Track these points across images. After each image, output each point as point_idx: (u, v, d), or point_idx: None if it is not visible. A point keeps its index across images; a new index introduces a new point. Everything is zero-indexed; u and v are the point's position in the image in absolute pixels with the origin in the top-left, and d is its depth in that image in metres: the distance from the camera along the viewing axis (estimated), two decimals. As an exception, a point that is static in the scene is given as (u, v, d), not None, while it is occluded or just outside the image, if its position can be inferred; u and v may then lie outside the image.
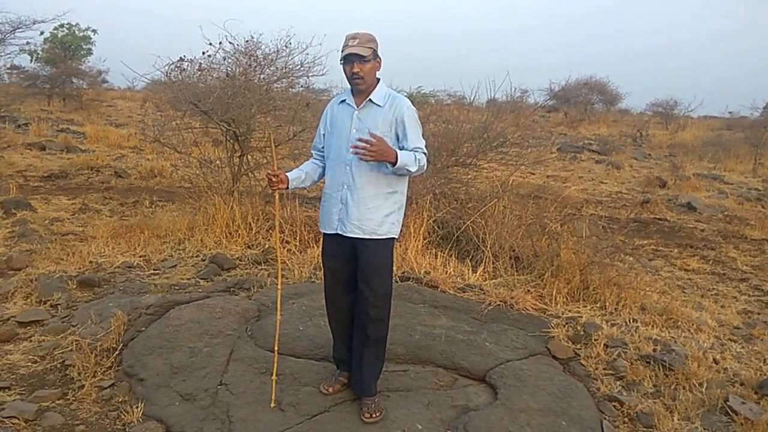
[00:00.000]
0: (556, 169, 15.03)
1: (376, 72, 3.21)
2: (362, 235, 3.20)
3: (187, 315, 4.38)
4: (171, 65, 6.86)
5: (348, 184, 3.21)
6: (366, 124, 3.16)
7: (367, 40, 3.13)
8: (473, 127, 7.49)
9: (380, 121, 3.17)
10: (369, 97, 3.20)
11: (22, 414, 3.39)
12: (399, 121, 3.17)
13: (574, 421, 3.39)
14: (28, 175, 10.85)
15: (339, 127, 3.27)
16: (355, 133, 3.17)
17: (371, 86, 3.21)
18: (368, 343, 3.32)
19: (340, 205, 3.24)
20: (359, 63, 3.10)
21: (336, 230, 3.26)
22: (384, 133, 3.13)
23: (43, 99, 22.13)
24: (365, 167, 3.15)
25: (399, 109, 3.17)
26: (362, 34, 3.15)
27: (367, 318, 3.27)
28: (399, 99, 3.23)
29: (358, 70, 3.11)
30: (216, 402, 3.47)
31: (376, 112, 3.19)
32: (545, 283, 5.27)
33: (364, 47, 3.10)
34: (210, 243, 6.46)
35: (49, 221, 7.50)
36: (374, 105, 3.20)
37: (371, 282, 3.22)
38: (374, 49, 3.15)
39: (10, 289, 5.11)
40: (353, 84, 3.19)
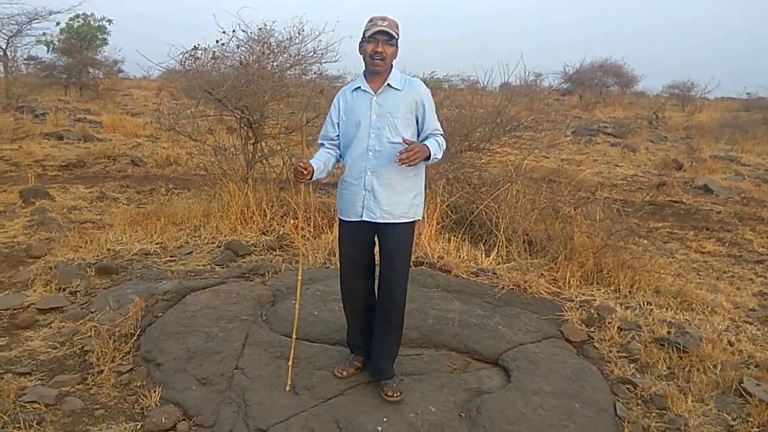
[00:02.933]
0: (570, 153, 14.92)
1: (394, 58, 3.23)
2: (392, 219, 3.23)
3: (203, 301, 4.44)
4: (185, 54, 6.89)
5: (373, 170, 3.22)
6: (386, 109, 3.19)
7: (395, 25, 3.16)
8: (486, 112, 7.46)
9: (401, 105, 3.20)
10: (387, 81, 3.21)
11: (43, 399, 3.46)
12: (419, 104, 3.22)
13: (587, 404, 3.41)
14: (46, 165, 10.98)
15: (357, 114, 3.26)
16: (375, 119, 3.20)
17: (386, 71, 3.22)
18: (389, 329, 3.37)
19: (364, 192, 3.24)
20: (384, 44, 3.13)
21: (361, 217, 3.26)
22: (405, 116, 3.19)
23: (59, 89, 22.34)
24: (388, 153, 3.17)
25: (418, 92, 3.23)
26: (390, 18, 3.18)
27: (390, 303, 3.31)
28: (416, 82, 3.27)
29: (382, 50, 3.13)
30: (232, 386, 3.53)
31: (395, 96, 3.21)
32: (559, 266, 5.27)
33: (392, 30, 3.13)
34: (225, 230, 6.52)
35: (68, 210, 7.61)
36: (393, 89, 3.21)
37: (398, 264, 3.26)
38: (398, 35, 3.18)
39: (30, 277, 5.20)
40: (373, 65, 3.18)
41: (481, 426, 3.19)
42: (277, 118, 7.52)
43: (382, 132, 3.21)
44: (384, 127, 3.21)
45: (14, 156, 11.40)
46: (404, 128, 3.21)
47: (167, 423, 3.25)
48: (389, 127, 3.20)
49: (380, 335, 3.40)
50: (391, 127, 3.20)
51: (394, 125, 3.20)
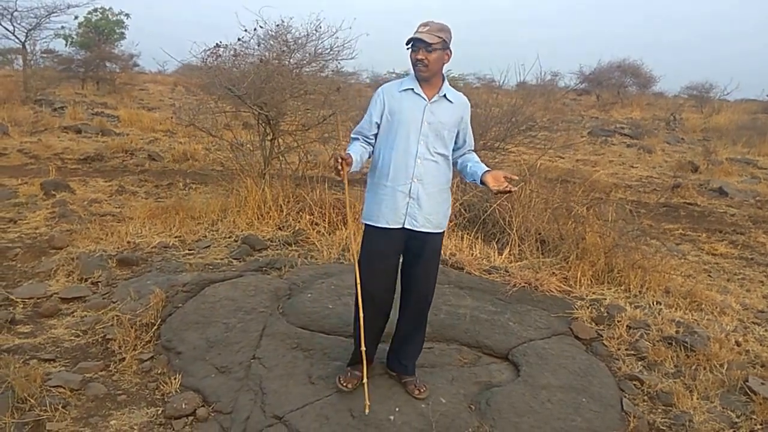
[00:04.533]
0: (585, 153, 14.93)
1: (443, 63, 3.13)
2: (431, 228, 3.22)
3: (221, 292, 4.56)
4: (207, 51, 7.03)
5: (419, 178, 3.16)
6: (439, 119, 3.16)
7: (437, 29, 3.06)
8: (502, 111, 7.53)
9: (450, 118, 3.20)
10: (443, 92, 3.18)
11: (68, 384, 3.60)
12: (464, 120, 3.28)
13: (594, 398, 3.49)
14: (65, 158, 11.17)
15: (407, 118, 3.16)
16: (427, 127, 3.14)
17: (437, 78, 3.16)
18: (421, 329, 3.48)
19: (408, 199, 3.16)
20: (425, 50, 3.04)
21: (403, 224, 3.18)
22: (451, 129, 3.22)
23: (77, 82, 22.58)
24: (432, 162, 3.18)
25: (465, 108, 3.28)
26: (435, 23, 3.10)
27: (426, 306, 3.42)
28: (462, 96, 3.29)
29: (423, 57, 3.05)
30: (249, 374, 3.64)
31: (448, 108, 3.20)
32: (570, 265, 5.34)
33: (432, 35, 3.03)
34: (242, 224, 6.64)
35: (88, 202, 7.77)
36: (447, 101, 3.19)
37: (431, 272, 3.34)
38: (444, 39, 3.06)
39: (53, 267, 5.36)
40: (417, 71, 3.11)
41: (490, 418, 3.28)
42: (294, 115, 7.63)
43: (431, 141, 3.16)
44: (433, 136, 3.16)
45: (34, 149, 11.61)
46: (450, 140, 3.24)
47: (187, 408, 3.37)
48: (438, 137, 3.17)
49: (409, 334, 3.47)
50: (440, 137, 3.17)
51: (443, 136, 3.18)
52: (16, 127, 13.26)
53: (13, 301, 4.72)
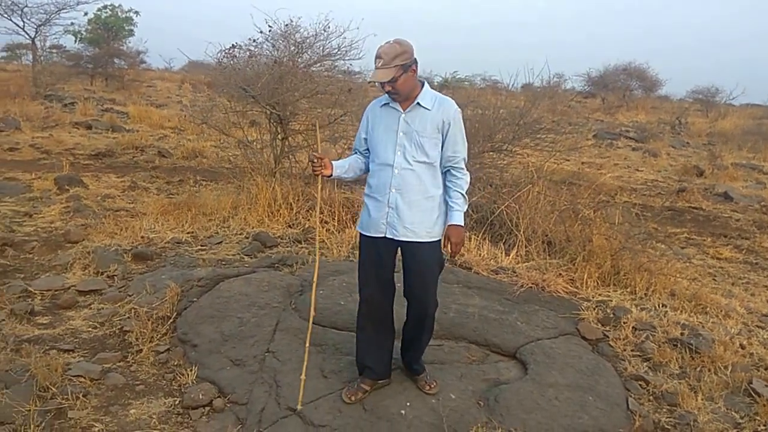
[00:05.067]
0: (591, 156, 14.99)
1: (413, 78, 3.13)
2: (414, 238, 3.19)
3: (235, 288, 4.66)
4: (222, 51, 7.14)
5: (397, 188, 3.19)
6: (414, 127, 3.16)
7: (391, 59, 3.03)
8: (509, 113, 7.62)
9: (428, 124, 3.15)
10: (417, 100, 3.16)
11: (88, 373, 3.70)
12: (446, 123, 3.15)
13: (600, 397, 3.58)
14: (76, 153, 11.28)
15: (384, 130, 3.24)
16: (402, 137, 3.17)
17: (413, 92, 3.17)
18: (423, 335, 3.50)
19: (388, 209, 3.21)
20: (388, 84, 3.07)
21: (384, 234, 3.23)
22: (432, 135, 3.14)
23: (86, 78, 22.74)
24: (412, 172, 3.17)
25: (447, 111, 3.16)
26: (387, 50, 3.06)
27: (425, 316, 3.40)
28: (447, 101, 3.20)
29: (389, 89, 3.10)
30: (264, 368, 3.74)
31: (424, 115, 3.16)
32: (577, 267, 5.42)
33: (388, 69, 3.03)
34: (253, 221, 6.74)
35: (101, 197, 7.89)
36: (422, 108, 3.16)
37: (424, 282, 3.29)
38: (401, 65, 3.04)
39: (69, 261, 5.47)
40: (392, 98, 3.19)
41: (498, 414, 3.38)
42: (305, 115, 7.73)
43: (408, 150, 3.17)
44: (411, 145, 3.16)
45: (45, 144, 11.73)
46: (431, 147, 3.16)
47: (204, 399, 3.48)
48: (416, 146, 3.16)
49: (412, 339, 3.53)
50: (417, 146, 3.15)
51: (421, 144, 3.15)
52: (27, 122, 13.38)
53: (32, 293, 4.83)
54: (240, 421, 3.32)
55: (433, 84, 23.61)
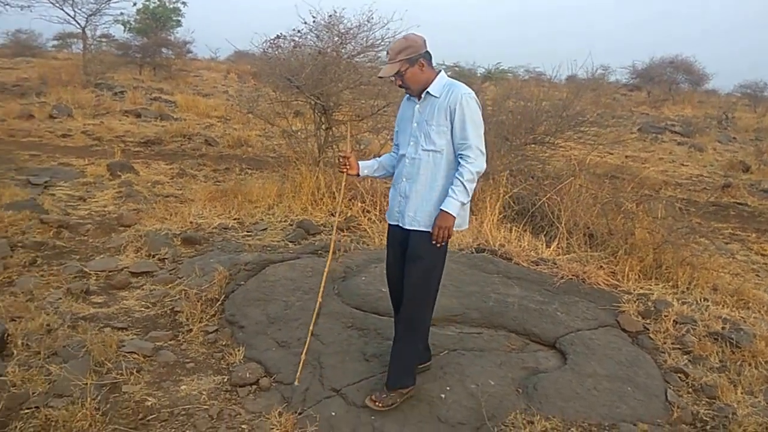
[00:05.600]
0: (635, 150, 14.76)
1: (421, 73, 3.15)
2: (418, 226, 3.21)
3: (281, 272, 4.81)
4: (268, 42, 7.30)
5: (407, 177, 3.25)
6: (424, 117, 3.19)
7: (396, 53, 3.12)
8: (551, 105, 7.59)
9: (436, 112, 3.15)
10: (427, 89, 3.18)
11: (141, 350, 3.89)
12: (452, 109, 3.09)
13: (639, 388, 3.60)
14: (126, 141, 11.66)
15: (405, 123, 3.32)
16: (416, 127, 3.22)
17: (427, 83, 3.18)
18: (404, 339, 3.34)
19: (400, 198, 3.28)
20: (397, 78, 3.15)
21: (396, 221, 3.31)
22: (440, 123, 3.12)
23: (134, 68, 23.28)
24: (421, 161, 3.19)
25: (454, 97, 3.10)
26: (393, 45, 3.18)
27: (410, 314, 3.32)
28: (456, 87, 3.14)
29: (400, 83, 3.18)
30: (308, 349, 3.87)
31: (433, 104, 3.16)
32: (618, 260, 5.41)
33: (392, 64, 3.11)
34: (297, 209, 6.90)
35: (151, 184, 8.18)
36: (431, 96, 3.17)
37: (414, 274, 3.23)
38: (406, 59, 3.10)
39: (122, 243, 5.71)
40: (406, 91, 3.27)
41: (537, 401, 3.43)
42: (349, 106, 7.85)
43: (419, 140, 3.21)
44: (421, 135, 3.20)
45: (97, 131, 12.15)
46: (437, 136, 3.14)
47: (251, 378, 3.62)
48: (425, 135, 3.18)
49: (396, 338, 3.41)
50: (425, 135, 3.17)
51: (428, 133, 3.16)
52: (79, 110, 13.86)
53: (87, 274, 5.07)
54: (285, 399, 3.46)
55: (476, 75, 23.49)
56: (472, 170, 3.07)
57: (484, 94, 10.45)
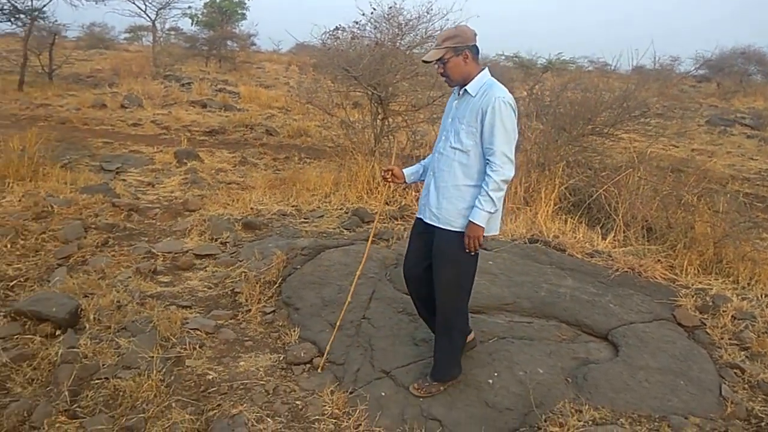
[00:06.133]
0: (702, 143, 14.26)
1: (464, 65, 3.11)
2: (437, 223, 3.21)
3: (335, 258, 4.95)
4: (327, 33, 7.45)
5: (434, 172, 3.27)
6: (458, 114, 3.17)
7: (443, 39, 3.11)
8: (613, 96, 7.44)
9: (468, 112, 3.11)
10: (466, 87, 3.16)
11: (204, 327, 4.09)
12: (483, 112, 3.04)
13: (692, 382, 3.56)
14: (192, 130, 12.09)
15: (445, 118, 3.34)
16: (450, 122, 3.22)
17: (467, 79, 3.14)
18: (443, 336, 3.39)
19: (426, 191, 3.33)
20: (440, 65, 3.13)
21: (422, 215, 3.34)
22: (470, 123, 3.09)
23: (201, 60, 23.99)
24: (448, 157, 3.19)
25: (487, 99, 3.04)
26: (442, 33, 3.19)
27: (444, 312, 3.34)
28: (493, 89, 3.07)
29: (441, 71, 3.16)
30: (360, 332, 3.99)
31: (468, 102, 3.13)
32: (677, 254, 5.30)
33: (437, 50, 3.11)
34: (352, 198, 7.04)
35: (215, 171, 8.49)
36: (468, 95, 3.14)
37: (439, 272, 3.25)
38: (451, 47, 3.08)
39: (188, 227, 5.97)
40: (445, 82, 3.25)
41: (586, 391, 3.44)
42: (405, 96, 7.92)
43: (449, 136, 3.20)
44: (452, 131, 3.19)
45: (165, 120, 12.65)
46: (466, 135, 3.11)
47: (305, 357, 3.77)
48: (455, 132, 3.17)
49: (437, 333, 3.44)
50: (456, 132, 3.16)
51: (458, 131, 3.15)
52: (148, 100, 14.45)
53: (155, 255, 5.34)
54: (337, 379, 3.59)
55: (535, 66, 23.09)
56: (497, 179, 3.01)
57: (543, 84, 10.31)
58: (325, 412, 3.28)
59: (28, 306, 4.20)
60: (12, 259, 5.09)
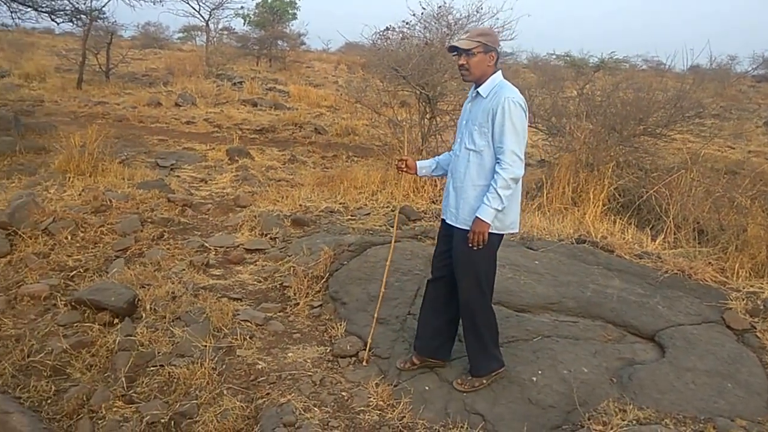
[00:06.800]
0: (759, 144, 13.76)
1: (487, 65, 3.17)
2: (456, 223, 3.28)
3: (381, 254, 5.03)
4: (377, 34, 7.56)
5: (452, 173, 3.35)
6: (471, 116, 3.24)
7: (476, 34, 3.18)
8: (666, 96, 7.31)
9: (480, 112, 3.17)
10: (478, 89, 3.22)
11: (254, 319, 4.24)
12: (493, 112, 3.09)
13: (740, 385, 3.50)
14: (243, 128, 12.38)
15: (461, 118, 3.41)
16: (464, 124, 3.29)
17: (482, 78, 3.20)
18: (471, 332, 3.44)
19: (447, 193, 3.40)
20: (465, 56, 3.16)
21: (444, 216, 3.42)
22: (482, 124, 3.15)
23: (251, 59, 24.47)
24: (463, 159, 3.25)
25: (497, 100, 3.10)
26: (476, 29, 3.27)
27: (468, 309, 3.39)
28: (503, 90, 3.13)
29: (464, 62, 3.17)
30: (405, 327, 4.07)
31: (480, 104, 3.20)
32: (728, 256, 5.19)
33: (469, 40, 3.15)
34: (399, 196, 7.09)
35: (265, 168, 8.71)
36: (480, 96, 3.21)
37: (461, 271, 3.31)
38: (483, 43, 3.14)
39: (239, 222, 6.16)
40: (461, 75, 3.29)
41: (631, 391, 3.43)
42: (453, 95, 7.95)
43: (464, 137, 3.27)
44: (466, 133, 3.25)
45: (217, 119, 13.00)
46: (479, 136, 3.17)
47: (351, 350, 3.87)
48: (468, 133, 3.23)
49: (464, 330, 3.49)
50: (469, 133, 3.22)
51: (471, 132, 3.21)
52: (201, 99, 14.86)
53: (207, 248, 5.54)
54: (382, 372, 3.67)
55: (587, 65, 22.69)
56: (505, 177, 3.06)
57: (594, 84, 10.18)
58: (370, 403, 3.37)
59: (88, 295, 4.43)
60: (72, 251, 5.37)
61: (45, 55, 20.42)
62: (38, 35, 26.39)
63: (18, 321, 4.42)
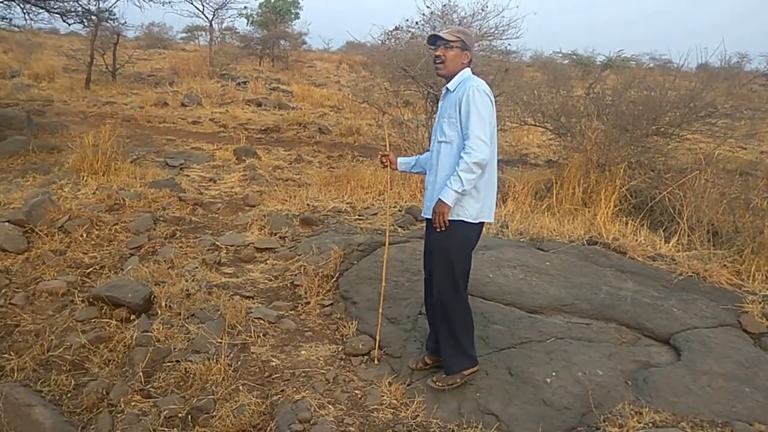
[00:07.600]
0: (772, 145, 13.72)
1: (461, 62, 3.26)
2: (428, 214, 3.32)
3: (391, 254, 4.98)
4: (385, 34, 7.53)
5: (429, 168, 3.40)
6: (441, 111, 3.32)
7: (457, 31, 3.29)
8: (678, 95, 7.25)
9: (449, 105, 3.25)
10: (447, 84, 3.32)
11: (267, 317, 4.23)
12: (459, 102, 3.16)
13: (758, 389, 3.45)
14: (249, 128, 12.36)
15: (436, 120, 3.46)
16: (437, 121, 3.38)
17: (454, 73, 3.28)
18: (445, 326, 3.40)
19: (425, 190, 3.45)
20: (444, 47, 3.23)
21: (423, 212, 3.45)
22: (450, 115, 3.21)
23: (254, 59, 24.44)
24: (435, 151, 3.31)
25: (463, 89, 3.17)
26: (461, 27, 3.34)
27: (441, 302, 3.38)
28: (468, 81, 3.22)
29: (441, 54, 3.24)
30: (416, 327, 4.04)
31: (448, 98, 3.29)
32: (744, 259, 5.13)
33: (451, 34, 3.25)
34: (406, 196, 7.09)
35: (272, 168, 8.69)
36: (449, 91, 3.30)
37: (436, 264, 3.34)
38: (462, 40, 3.24)
39: (248, 221, 6.14)
40: (435, 68, 3.36)
41: (646, 394, 3.38)
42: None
43: (436, 132, 3.34)
44: (438, 127, 3.32)
45: (223, 119, 12.99)
46: (448, 127, 3.23)
47: (363, 349, 3.85)
48: (440, 127, 3.29)
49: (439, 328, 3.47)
50: (441, 127, 3.29)
51: (442, 125, 3.27)
52: (207, 99, 14.85)
53: (219, 247, 5.52)
54: (394, 371, 3.65)
55: (594, 64, 22.61)
56: (468, 161, 3.07)
57: (603, 83, 10.11)
58: (384, 402, 3.34)
59: (105, 291, 4.44)
60: (88, 248, 5.38)
61: (52, 55, 20.44)
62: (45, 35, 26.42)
63: (37, 317, 4.46)
